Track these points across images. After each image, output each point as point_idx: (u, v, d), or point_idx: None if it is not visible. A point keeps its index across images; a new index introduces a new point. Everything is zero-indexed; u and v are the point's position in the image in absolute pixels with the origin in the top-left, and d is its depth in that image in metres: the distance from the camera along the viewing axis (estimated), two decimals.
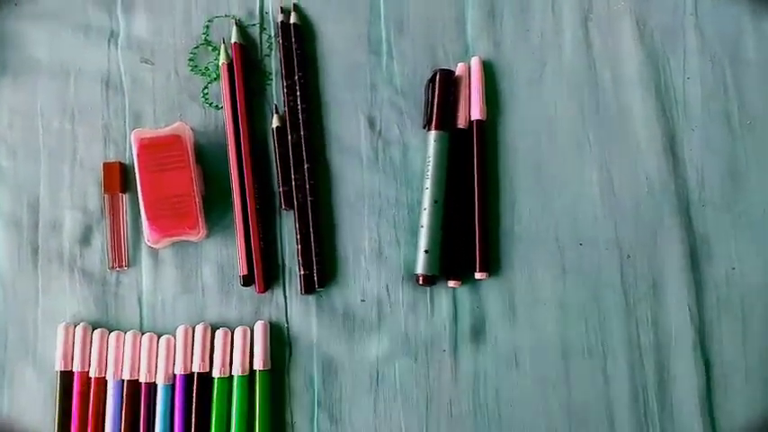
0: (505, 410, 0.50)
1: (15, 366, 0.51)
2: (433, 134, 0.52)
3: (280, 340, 0.52)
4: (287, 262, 0.52)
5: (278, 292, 0.52)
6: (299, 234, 0.52)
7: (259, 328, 0.51)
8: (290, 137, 0.53)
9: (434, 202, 0.51)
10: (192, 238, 0.51)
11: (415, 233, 0.52)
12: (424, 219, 0.51)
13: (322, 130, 0.53)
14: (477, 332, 0.51)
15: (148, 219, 0.50)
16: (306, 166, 0.52)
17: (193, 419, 0.49)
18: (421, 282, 0.51)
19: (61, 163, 0.53)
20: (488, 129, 0.53)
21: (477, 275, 0.51)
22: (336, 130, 0.53)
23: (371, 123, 0.53)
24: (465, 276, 0.51)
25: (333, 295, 0.52)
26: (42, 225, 0.53)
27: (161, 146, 0.51)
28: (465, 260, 0.51)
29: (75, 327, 0.51)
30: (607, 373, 0.50)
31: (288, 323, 0.52)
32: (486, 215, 0.52)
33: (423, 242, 0.51)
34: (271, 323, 0.52)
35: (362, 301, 0.52)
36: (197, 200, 0.51)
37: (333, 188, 0.53)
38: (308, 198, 0.52)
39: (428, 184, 0.51)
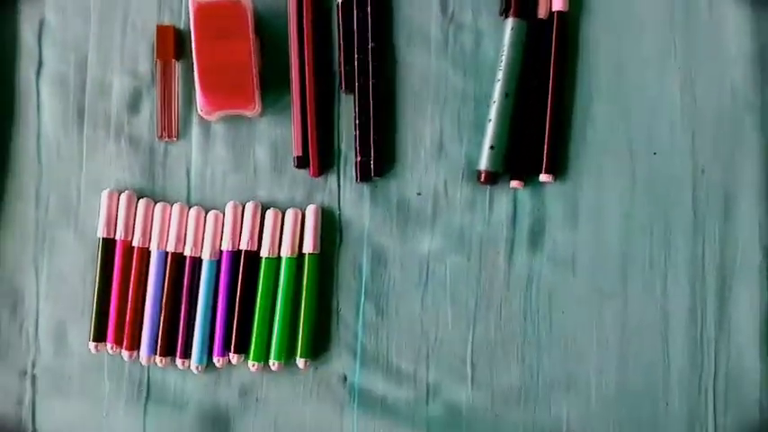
0: (556, 317, 0.49)
1: (56, 231, 0.50)
2: (510, 22, 0.48)
3: (331, 226, 0.49)
4: (343, 147, 0.49)
5: (332, 177, 0.50)
6: (358, 119, 0.49)
7: (311, 211, 0.49)
8: (355, 13, 0.49)
9: (505, 95, 0.48)
10: (247, 113, 0.49)
11: (479, 129, 0.49)
12: (493, 112, 0.48)
13: (390, 10, 0.49)
14: (536, 236, 0.49)
15: (202, 89, 0.47)
16: (370, 46, 0.49)
17: (238, 297, 0.48)
18: (483, 179, 0.48)
19: (112, 23, 0.50)
20: (570, 22, 0.49)
21: (542, 177, 0.49)
22: (405, 11, 0.49)
23: (444, 6, 0.49)
24: (528, 178, 0.49)
25: (388, 185, 0.49)
26: (90, 86, 0.50)
27: (219, 12, 0.47)
28: (530, 161, 0.49)
29: (120, 194, 0.49)
30: (667, 289, 0.48)
31: (340, 210, 0.49)
32: (559, 114, 0.49)
33: (489, 137, 0.48)
34: (323, 208, 0.49)
35: (418, 194, 0.49)
36: (254, 73, 0.48)
37: (397, 73, 0.49)
38: (370, 81, 0.49)
39: (500, 75, 0.48)
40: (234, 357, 0.48)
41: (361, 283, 0.49)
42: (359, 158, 0.49)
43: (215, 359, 0.48)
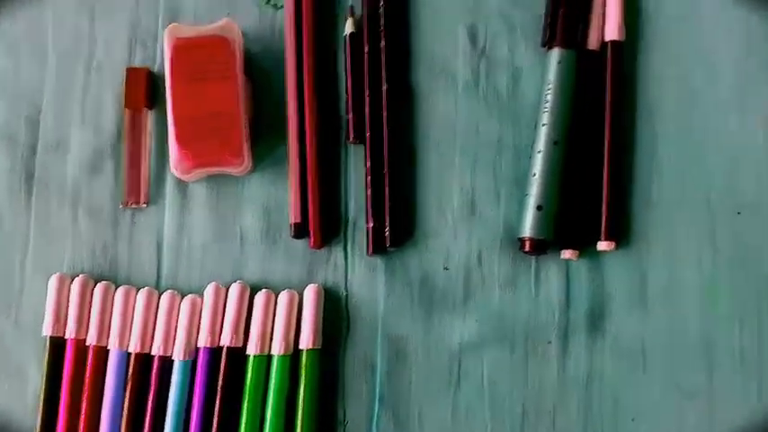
0: (625, 426, 0.35)
1: None
2: (555, 53, 0.36)
3: (336, 312, 0.37)
4: (351, 212, 0.37)
5: (337, 249, 0.37)
6: (370, 176, 0.37)
7: (310, 293, 0.36)
8: (366, 48, 0.37)
9: (553, 143, 0.36)
10: (234, 171, 0.37)
11: (520, 185, 0.37)
12: (538, 164, 0.36)
13: (408, 43, 0.38)
14: (596, 321, 0.36)
15: (179, 141, 0.36)
16: (384, 88, 0.37)
17: (217, 408, 0.35)
18: (527, 248, 0.36)
19: (73, 67, 0.39)
20: (626, 54, 0.37)
21: (601, 245, 0.36)
22: (426, 44, 0.38)
23: (473, 38, 0.38)
24: (584, 246, 0.36)
25: (407, 259, 0.37)
26: (42, 145, 0.38)
27: (201, 49, 0.36)
28: (585, 225, 0.36)
29: (73, 279, 0.37)
30: (763, 386, 0.35)
31: (347, 291, 0.37)
32: (619, 167, 0.36)
33: (534, 195, 0.35)
34: (326, 289, 0.37)
35: (446, 269, 0.37)
36: (243, 122, 0.36)
37: (417, 119, 0.38)
38: (385, 130, 0.37)
39: (546, 118, 0.36)
40: None
41: (374, 385, 0.36)
42: (371, 225, 0.36)
43: None
